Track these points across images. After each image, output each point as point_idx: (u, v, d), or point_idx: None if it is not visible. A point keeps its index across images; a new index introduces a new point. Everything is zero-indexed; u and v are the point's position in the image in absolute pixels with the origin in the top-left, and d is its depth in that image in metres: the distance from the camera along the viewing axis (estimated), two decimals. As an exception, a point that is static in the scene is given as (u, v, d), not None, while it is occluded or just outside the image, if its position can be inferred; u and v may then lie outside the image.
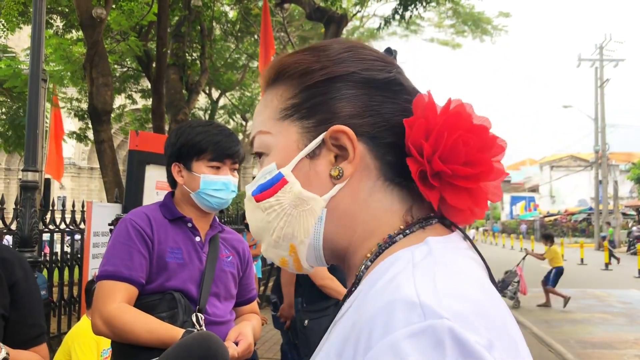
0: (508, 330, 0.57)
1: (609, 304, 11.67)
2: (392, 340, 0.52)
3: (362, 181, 0.72)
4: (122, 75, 16.51)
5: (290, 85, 0.75)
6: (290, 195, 0.73)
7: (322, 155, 0.72)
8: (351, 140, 0.70)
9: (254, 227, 0.79)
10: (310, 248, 0.74)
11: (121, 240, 1.90)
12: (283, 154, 0.74)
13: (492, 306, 0.58)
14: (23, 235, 4.49)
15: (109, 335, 1.84)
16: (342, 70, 0.73)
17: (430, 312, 0.53)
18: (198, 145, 1.98)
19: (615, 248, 30.64)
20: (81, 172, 37.51)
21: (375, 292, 0.60)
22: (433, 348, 0.51)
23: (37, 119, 4.70)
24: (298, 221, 0.73)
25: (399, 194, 0.72)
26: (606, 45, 34.61)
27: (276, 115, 0.76)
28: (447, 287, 0.57)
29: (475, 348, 0.51)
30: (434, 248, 0.65)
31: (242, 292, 2.17)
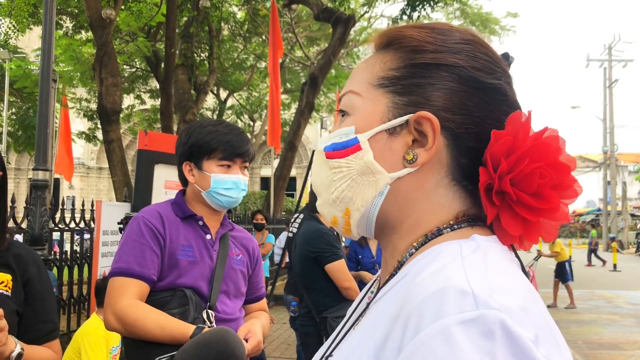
0: (550, 328, 0.58)
1: (617, 305, 11.62)
2: (443, 325, 0.53)
3: (431, 173, 0.72)
4: (131, 76, 16.59)
5: (398, 57, 0.75)
6: (360, 162, 0.73)
7: (401, 135, 0.72)
8: (434, 131, 0.70)
9: (316, 181, 0.79)
10: (363, 217, 0.75)
11: (134, 238, 1.92)
12: (365, 121, 0.74)
13: (535, 303, 0.59)
14: (34, 233, 4.54)
15: (121, 331, 1.86)
16: (452, 61, 0.72)
17: (482, 302, 0.54)
18: (208, 144, 2.00)
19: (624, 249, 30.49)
20: (90, 172, 37.67)
21: (425, 278, 0.61)
22: (483, 337, 0.52)
23: (47, 118, 4.75)
24: (360, 189, 0.74)
25: (460, 196, 0.73)
26: (615, 46, 34.45)
27: (373, 80, 0.75)
28: (496, 281, 0.58)
29: (524, 341, 0.52)
30: (481, 244, 0.66)
31: (251, 290, 2.19)
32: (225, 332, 1.01)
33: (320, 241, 3.66)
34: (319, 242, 3.66)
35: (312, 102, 13.66)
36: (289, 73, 18.80)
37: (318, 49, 18.30)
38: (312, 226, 3.81)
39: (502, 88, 0.73)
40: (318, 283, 3.69)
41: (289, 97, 20.45)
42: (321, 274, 3.65)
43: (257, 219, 8.24)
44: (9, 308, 1.56)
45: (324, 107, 21.24)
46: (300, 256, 3.83)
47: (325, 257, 3.63)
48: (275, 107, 10.42)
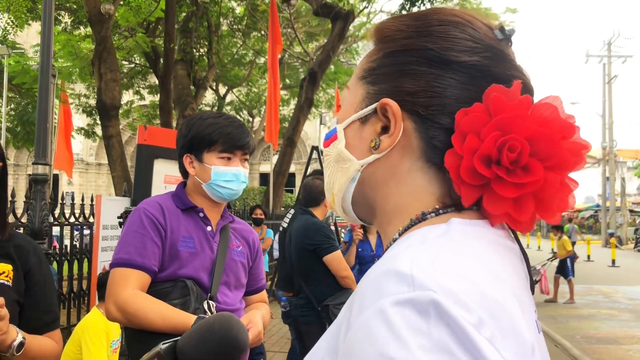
0: (508, 314, 0.57)
1: (615, 300, 11.66)
2: (380, 307, 0.54)
3: (403, 157, 0.72)
4: (130, 72, 16.58)
5: (377, 49, 0.78)
6: (335, 150, 0.78)
7: (370, 123, 0.75)
8: (395, 116, 0.71)
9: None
10: (341, 201, 0.80)
11: (134, 229, 1.93)
12: (344, 112, 0.79)
13: (492, 288, 0.58)
14: (34, 227, 4.55)
15: (123, 321, 1.88)
16: (420, 45, 0.72)
17: (419, 283, 0.55)
18: (209, 136, 2.01)
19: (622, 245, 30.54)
20: (89, 168, 37.66)
21: (378, 263, 0.63)
22: (417, 317, 0.53)
23: (47, 112, 4.76)
24: (336, 175, 0.79)
25: (441, 177, 0.71)
26: (614, 42, 34.43)
27: (359, 73, 0.79)
28: (447, 264, 0.58)
29: (460, 322, 0.52)
30: (453, 228, 0.65)
31: (251, 281, 2.20)
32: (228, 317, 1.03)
33: (318, 234, 3.85)
34: (317, 235, 3.85)
35: (311, 98, 13.66)
36: (288, 69, 18.78)
37: (317, 44, 18.29)
38: (307, 220, 3.99)
39: (481, 64, 0.71)
40: (317, 274, 3.86)
41: (288, 93, 20.43)
42: (320, 265, 3.82)
43: (256, 213, 8.25)
44: (10, 298, 1.57)
45: (323, 103, 21.23)
46: (298, 249, 3.97)
47: (324, 249, 3.81)
48: (274, 104, 10.42)
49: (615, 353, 7.05)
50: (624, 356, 6.90)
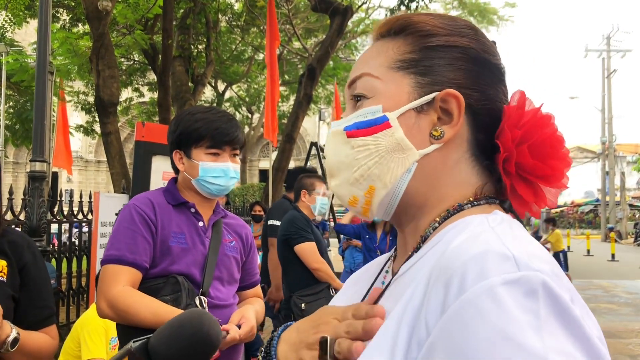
0: (577, 293, 0.62)
1: (614, 294, 11.66)
2: (488, 285, 0.56)
3: (454, 149, 0.75)
4: (129, 69, 16.55)
5: (411, 42, 0.78)
6: (390, 139, 0.75)
7: (428, 113, 0.75)
8: (459, 107, 0.74)
9: (334, 161, 0.80)
10: (388, 195, 0.76)
11: (125, 225, 1.93)
12: (391, 100, 0.76)
13: (560, 271, 0.62)
14: (32, 224, 4.54)
15: (114, 318, 1.87)
16: (463, 43, 0.77)
17: (524, 264, 0.57)
18: (196, 132, 1.99)
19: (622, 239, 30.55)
20: (88, 165, 37.66)
21: (462, 244, 0.63)
22: (527, 296, 0.55)
23: (44, 109, 4.74)
24: (389, 166, 0.75)
25: (478, 170, 0.77)
26: (613, 36, 34.38)
27: (391, 64, 0.78)
28: (529, 248, 0.62)
29: (564, 300, 0.56)
30: (506, 218, 0.70)
31: (245, 276, 2.20)
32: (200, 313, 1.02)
33: (291, 225, 3.94)
34: (289, 226, 3.95)
35: (310, 93, 13.62)
36: (286, 65, 18.75)
37: (316, 40, 18.25)
38: (288, 214, 4.10)
39: (504, 69, 0.80)
40: (292, 265, 3.94)
41: (287, 89, 20.41)
42: (293, 256, 3.90)
43: (256, 210, 8.25)
44: (4, 294, 1.57)
45: (322, 99, 21.20)
46: (278, 242, 4.11)
47: (294, 239, 3.89)
48: (273, 101, 10.41)
49: (614, 347, 7.05)
50: (623, 350, 6.90)
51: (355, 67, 0.83)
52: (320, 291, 3.81)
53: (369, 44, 0.85)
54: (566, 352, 0.53)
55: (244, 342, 1.96)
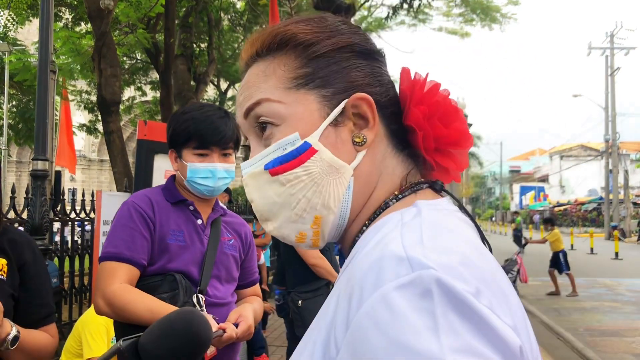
0: (497, 281, 0.59)
1: (618, 292, 11.64)
2: (383, 293, 0.54)
3: (377, 148, 0.74)
4: (131, 68, 16.56)
5: (296, 55, 0.74)
6: (321, 164, 0.71)
7: (343, 123, 0.73)
8: (371, 107, 0.72)
9: (265, 204, 0.75)
10: (337, 218, 0.73)
11: (123, 223, 1.92)
12: (304, 123, 0.72)
13: (479, 258, 0.60)
14: (34, 223, 4.54)
15: (111, 315, 1.86)
16: (347, 41, 0.75)
17: (417, 263, 0.55)
18: (184, 132, 1.97)
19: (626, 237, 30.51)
20: (91, 165, 37.75)
21: (366, 252, 0.62)
22: (421, 297, 0.53)
23: (46, 108, 4.75)
24: (328, 190, 0.71)
25: (402, 160, 0.76)
26: (617, 33, 34.28)
27: (286, 84, 0.73)
28: (434, 242, 0.59)
29: (462, 294, 0.53)
30: (423, 209, 0.67)
31: (244, 275, 2.19)
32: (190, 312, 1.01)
33: None
34: None
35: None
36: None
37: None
38: None
39: (383, 50, 0.79)
40: (291, 261, 3.93)
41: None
42: (293, 252, 3.89)
43: (258, 209, 8.23)
44: (4, 292, 1.57)
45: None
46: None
47: None
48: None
49: (618, 345, 7.04)
50: (627, 348, 6.89)
51: (244, 96, 0.77)
52: (319, 288, 3.81)
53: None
54: (468, 348, 0.51)
55: (242, 340, 1.95)
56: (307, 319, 3.72)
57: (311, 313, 3.73)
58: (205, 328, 1.01)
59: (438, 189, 0.76)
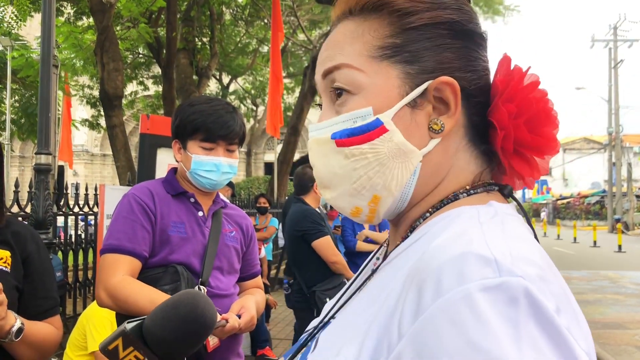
0: (568, 299, 0.56)
1: (621, 285, 11.63)
2: (466, 291, 0.51)
3: (452, 138, 0.69)
4: (134, 62, 16.55)
5: (389, 22, 0.69)
6: (389, 145, 0.67)
7: (422, 106, 0.68)
8: (455, 94, 0.67)
9: (326, 173, 0.72)
10: (395, 202, 0.70)
11: (124, 215, 1.92)
12: (381, 99, 0.68)
13: (552, 273, 0.57)
14: (37, 217, 4.55)
15: (113, 307, 1.86)
16: (448, 17, 0.68)
17: (505, 269, 0.52)
18: (192, 124, 1.97)
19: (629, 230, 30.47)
20: (94, 159, 37.79)
21: (443, 243, 0.58)
22: (507, 304, 0.50)
23: (49, 102, 4.75)
24: (392, 173, 0.68)
25: (477, 156, 0.71)
26: (620, 26, 34.14)
27: (371, 52, 0.69)
28: (516, 249, 0.56)
29: (547, 310, 0.51)
30: (499, 211, 0.64)
31: (245, 267, 2.19)
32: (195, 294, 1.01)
33: (306, 220, 3.94)
34: (304, 222, 3.94)
35: (315, 86, 13.59)
36: (291, 57, 18.71)
37: (320, 32, 18.19)
38: (297, 208, 4.10)
39: (486, 34, 0.72)
40: (307, 260, 3.93)
41: (292, 81, 20.38)
42: (309, 251, 3.90)
43: (260, 202, 8.23)
44: (8, 284, 1.57)
45: (327, 91, 21.11)
46: (289, 237, 4.12)
47: (311, 235, 3.89)
48: (276, 95, 10.36)
49: (621, 338, 7.04)
50: (630, 341, 6.89)
51: (326, 54, 0.73)
52: (340, 284, 3.85)
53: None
54: None
55: (244, 332, 1.96)
56: None
57: None
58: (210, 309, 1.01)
59: (506, 194, 0.71)
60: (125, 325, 0.94)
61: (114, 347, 0.93)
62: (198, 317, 1.00)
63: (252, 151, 31.60)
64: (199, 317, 1.00)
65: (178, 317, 0.99)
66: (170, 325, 0.99)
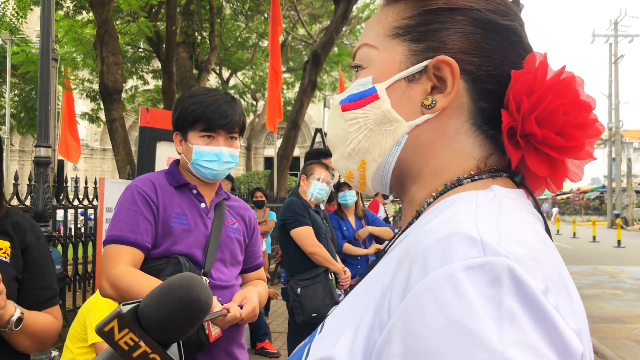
0: (563, 280, 0.57)
1: (620, 280, 11.66)
2: (450, 271, 0.52)
3: (452, 119, 0.71)
4: (134, 57, 16.53)
5: (410, 6, 0.74)
6: (377, 112, 0.72)
7: (420, 82, 0.71)
8: (453, 74, 0.69)
9: (332, 135, 0.79)
10: (379, 169, 0.74)
11: (127, 206, 1.92)
12: (382, 70, 0.73)
13: (548, 255, 0.58)
14: (37, 210, 4.56)
15: (115, 298, 1.87)
16: (466, 4, 0.71)
17: (490, 249, 0.53)
18: (191, 115, 1.98)
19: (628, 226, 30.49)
20: (94, 154, 37.78)
21: (435, 225, 0.60)
22: (490, 284, 0.51)
23: (48, 95, 4.75)
24: (377, 139, 0.72)
25: (481, 141, 0.71)
26: (621, 21, 34.11)
27: (387, 31, 0.74)
28: (507, 230, 0.57)
29: (532, 289, 0.51)
30: (499, 194, 0.64)
31: (248, 258, 2.19)
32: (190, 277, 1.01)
33: (287, 210, 3.98)
34: (286, 211, 3.98)
35: (314, 80, 13.59)
36: (291, 51, 18.70)
37: (320, 26, 18.18)
38: (287, 199, 4.15)
39: (517, 30, 0.73)
40: (289, 250, 3.95)
41: (292, 76, 20.37)
42: (290, 240, 3.92)
43: (257, 196, 8.22)
44: (7, 274, 1.57)
45: (327, 86, 21.14)
46: (277, 226, 4.19)
47: (290, 224, 3.91)
48: (274, 90, 10.34)
49: (620, 332, 7.06)
50: (628, 335, 6.91)
51: (361, 35, 0.80)
52: (317, 275, 3.84)
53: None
54: (529, 345, 0.49)
55: (246, 322, 1.96)
56: (306, 306, 3.75)
57: (311, 300, 3.76)
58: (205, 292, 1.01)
59: (517, 182, 0.71)
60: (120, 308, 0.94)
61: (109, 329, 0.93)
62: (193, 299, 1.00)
63: (251, 146, 31.57)
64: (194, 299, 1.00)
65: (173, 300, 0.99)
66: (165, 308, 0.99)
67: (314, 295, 3.77)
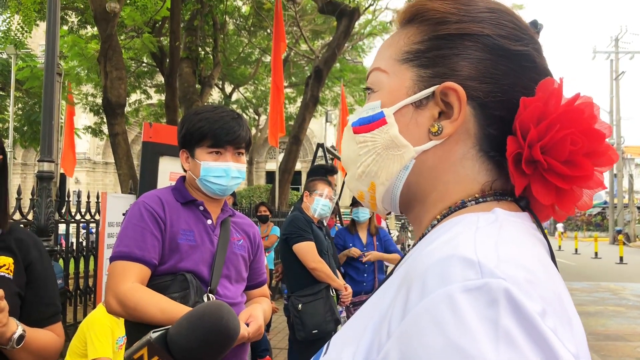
0: (562, 303, 0.57)
1: (623, 297, 11.59)
2: (448, 292, 0.53)
3: (458, 144, 0.71)
4: (137, 71, 16.62)
5: (421, 30, 0.74)
6: (385, 136, 0.73)
7: (427, 108, 0.72)
8: (460, 101, 0.69)
9: (345, 156, 0.81)
10: (388, 192, 0.76)
11: (134, 222, 1.93)
12: (391, 95, 0.74)
13: (547, 278, 0.58)
14: (39, 224, 4.56)
15: (122, 315, 1.87)
16: (476, 30, 0.71)
17: (488, 271, 0.54)
18: (199, 131, 2.00)
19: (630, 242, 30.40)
20: (96, 167, 37.81)
21: (434, 247, 0.60)
22: (487, 305, 0.51)
23: (52, 109, 4.76)
24: (385, 163, 0.74)
25: (488, 167, 0.72)
26: (622, 38, 34.29)
27: (397, 56, 0.76)
28: (506, 253, 0.57)
29: (529, 311, 0.51)
30: (501, 217, 0.65)
31: (252, 275, 2.20)
32: (219, 305, 1.02)
33: (290, 225, 3.97)
34: (289, 226, 3.98)
35: (316, 95, 13.66)
36: (293, 67, 18.79)
37: (323, 42, 18.27)
38: (290, 215, 4.15)
39: (530, 55, 0.72)
40: (291, 265, 3.94)
41: (294, 91, 20.43)
42: (292, 256, 3.91)
43: (261, 210, 8.23)
44: (10, 291, 1.57)
45: (329, 101, 21.21)
46: (280, 241, 4.20)
47: (292, 239, 3.91)
48: (276, 105, 10.38)
49: (622, 350, 7.01)
50: (631, 353, 6.86)
51: (374, 58, 0.81)
52: (319, 291, 3.82)
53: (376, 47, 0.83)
54: None
55: (252, 340, 1.96)
56: (307, 322, 3.74)
57: (311, 316, 3.75)
58: (234, 321, 1.02)
59: (522, 207, 0.71)
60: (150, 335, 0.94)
61: (139, 357, 0.94)
62: (222, 328, 1.01)
63: (253, 160, 31.62)
64: (223, 328, 1.01)
65: (203, 328, 1.00)
66: (195, 336, 0.99)
67: (314, 312, 3.76)
